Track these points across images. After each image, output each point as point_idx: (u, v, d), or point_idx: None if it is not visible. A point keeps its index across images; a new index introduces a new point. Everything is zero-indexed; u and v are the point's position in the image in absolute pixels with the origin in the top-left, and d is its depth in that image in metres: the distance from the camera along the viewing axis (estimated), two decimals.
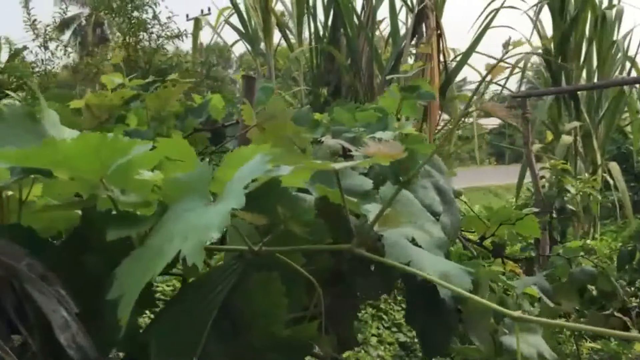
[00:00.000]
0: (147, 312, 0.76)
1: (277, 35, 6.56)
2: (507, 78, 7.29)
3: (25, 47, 6.98)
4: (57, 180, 0.72)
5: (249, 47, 6.31)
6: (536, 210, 1.43)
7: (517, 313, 0.50)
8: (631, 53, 6.99)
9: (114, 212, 0.65)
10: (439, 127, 5.68)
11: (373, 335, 4.41)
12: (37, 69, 7.04)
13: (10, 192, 0.69)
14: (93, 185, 0.65)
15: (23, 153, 0.52)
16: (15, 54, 6.28)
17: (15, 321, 0.57)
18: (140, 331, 0.63)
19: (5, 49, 6.21)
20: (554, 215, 5.23)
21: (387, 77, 4.83)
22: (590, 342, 3.46)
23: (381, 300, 4.36)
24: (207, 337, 0.63)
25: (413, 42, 5.61)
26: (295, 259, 0.71)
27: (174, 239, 0.53)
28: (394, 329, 4.47)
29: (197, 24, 6.60)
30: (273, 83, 1.44)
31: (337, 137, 1.17)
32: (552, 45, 6.76)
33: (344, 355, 4.22)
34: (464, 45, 6.44)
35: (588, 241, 1.47)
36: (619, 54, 6.96)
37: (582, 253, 1.40)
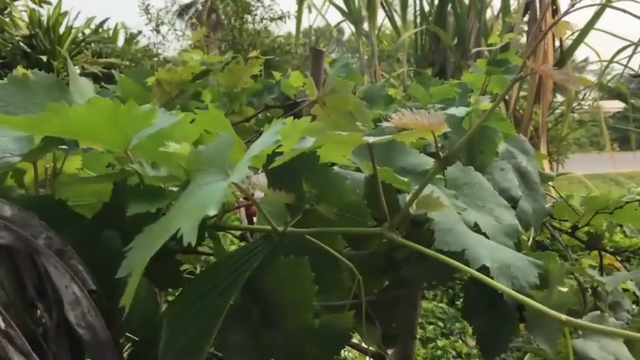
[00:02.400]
0: None
1: (380, 15, 6.42)
2: (631, 57, 6.71)
3: (139, 32, 7.36)
4: (93, 152, 0.70)
5: (353, 28, 6.23)
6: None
7: (565, 316, 0.41)
8: None
9: (141, 187, 0.63)
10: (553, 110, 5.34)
11: None
12: (149, 53, 7.39)
13: (48, 164, 0.68)
14: (121, 158, 0.63)
15: (30, 120, 0.50)
16: (131, 38, 6.62)
17: (33, 296, 0.56)
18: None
19: (121, 33, 6.58)
20: None
21: (474, 50, 4.57)
22: None
23: None
24: (230, 325, 0.59)
25: (525, 19, 5.28)
26: (335, 242, 0.65)
27: (181, 215, 0.49)
28: None
29: (301, 4, 6.60)
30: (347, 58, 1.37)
31: None
32: None
33: (441, 343, 4.12)
34: (584, 22, 5.98)
35: None
36: None
37: None
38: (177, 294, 0.58)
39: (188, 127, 0.67)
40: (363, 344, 0.72)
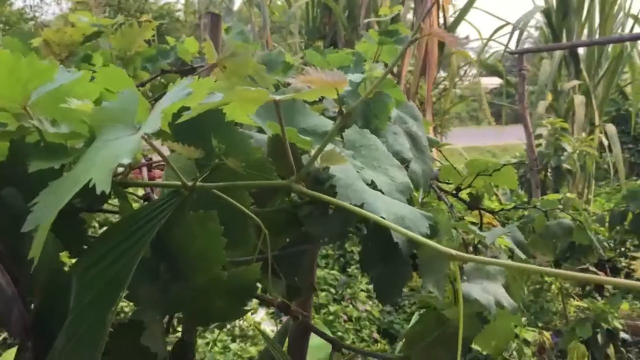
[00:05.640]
0: None
1: None
2: (511, 35, 7.16)
3: None
4: None
5: None
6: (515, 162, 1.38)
7: (454, 251, 0.47)
8: (634, 11, 6.86)
9: (42, 145, 0.61)
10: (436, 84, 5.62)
11: (362, 290, 4.45)
12: (25, 16, 6.86)
13: None
14: (18, 115, 0.61)
15: None
16: None
17: None
18: None
19: None
20: (549, 173, 5.22)
21: (365, 21, 4.72)
22: (577, 301, 3.48)
23: None
24: (140, 279, 0.60)
25: None
26: (241, 198, 0.67)
27: (92, 167, 0.49)
28: None
29: None
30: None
31: None
32: (554, 2, 6.62)
33: (333, 308, 4.27)
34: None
35: (567, 194, 1.45)
36: (621, 13, 6.82)
37: (560, 206, 1.37)
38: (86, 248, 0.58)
39: (89, 85, 0.66)
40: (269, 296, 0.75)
